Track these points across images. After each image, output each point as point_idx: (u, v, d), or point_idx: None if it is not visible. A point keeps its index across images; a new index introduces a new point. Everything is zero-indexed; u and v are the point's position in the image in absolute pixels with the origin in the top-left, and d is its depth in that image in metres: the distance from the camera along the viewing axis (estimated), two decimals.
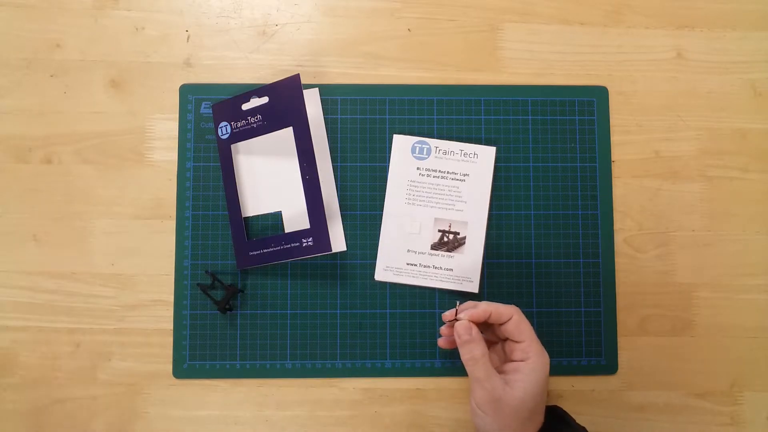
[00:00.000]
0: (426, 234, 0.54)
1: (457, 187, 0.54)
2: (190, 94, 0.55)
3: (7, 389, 0.53)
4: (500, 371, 0.45)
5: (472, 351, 0.44)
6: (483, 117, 0.55)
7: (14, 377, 0.53)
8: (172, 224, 0.54)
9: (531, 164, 0.55)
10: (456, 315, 0.46)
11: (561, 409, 0.48)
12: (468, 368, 0.44)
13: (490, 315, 0.45)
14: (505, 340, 0.47)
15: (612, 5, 0.57)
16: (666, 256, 0.55)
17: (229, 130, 0.54)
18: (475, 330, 0.45)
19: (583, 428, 0.46)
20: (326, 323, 0.54)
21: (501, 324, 0.46)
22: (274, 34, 0.56)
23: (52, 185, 0.54)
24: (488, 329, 0.49)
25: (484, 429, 0.44)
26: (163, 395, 0.53)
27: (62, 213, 0.54)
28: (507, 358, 0.47)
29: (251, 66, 0.56)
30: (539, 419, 0.45)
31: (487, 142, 0.55)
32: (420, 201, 0.54)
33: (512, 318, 0.45)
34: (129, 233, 0.54)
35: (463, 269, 0.54)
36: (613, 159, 0.56)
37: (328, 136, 0.55)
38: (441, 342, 0.49)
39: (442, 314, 0.48)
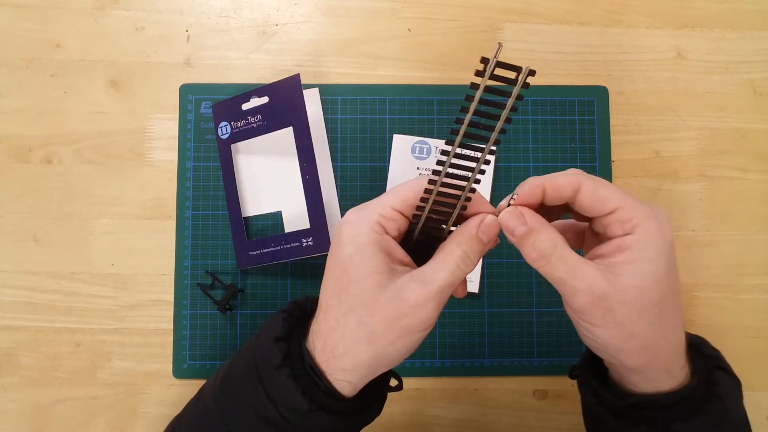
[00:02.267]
0: None
1: None
2: (190, 94, 0.55)
3: (7, 389, 0.53)
4: (596, 255, 0.31)
5: (536, 244, 0.30)
6: None
7: (14, 377, 0.53)
8: (172, 224, 0.54)
9: (531, 164, 0.55)
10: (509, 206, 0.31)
11: (698, 338, 0.35)
12: (541, 271, 0.31)
13: (544, 191, 0.31)
14: (591, 219, 0.32)
15: (612, 5, 0.57)
16: None
17: (229, 130, 0.54)
18: (530, 215, 0.30)
19: (739, 381, 0.34)
20: None
21: (571, 201, 0.31)
22: (274, 34, 0.56)
23: (52, 185, 0.54)
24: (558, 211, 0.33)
25: (603, 347, 0.30)
26: (163, 395, 0.53)
27: (62, 213, 0.54)
28: (603, 238, 0.31)
29: (251, 66, 0.56)
30: (679, 324, 0.30)
31: None
32: None
33: (581, 187, 0.30)
34: (129, 233, 0.54)
35: None
36: (613, 159, 0.56)
37: (328, 136, 0.55)
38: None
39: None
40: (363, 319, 0.30)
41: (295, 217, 0.54)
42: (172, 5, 0.56)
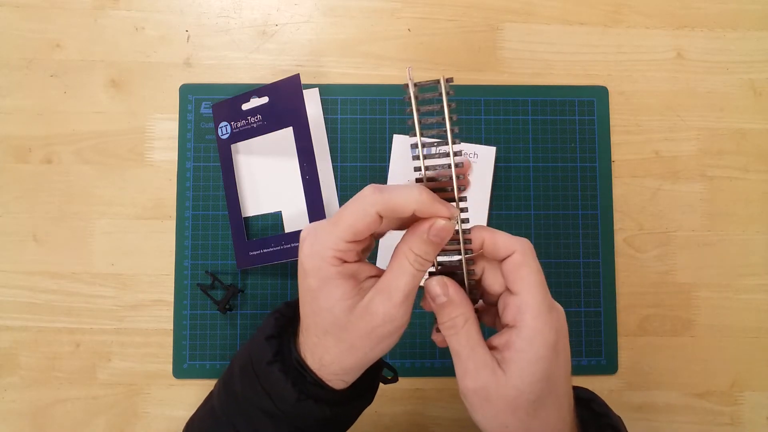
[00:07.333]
0: None
1: None
2: (190, 94, 0.55)
3: (7, 389, 0.53)
4: (491, 346, 0.33)
5: (451, 314, 0.32)
6: (483, 117, 0.55)
7: (14, 377, 0.53)
8: (172, 224, 0.54)
9: (531, 164, 0.55)
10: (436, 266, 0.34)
11: (589, 393, 0.37)
12: (447, 340, 0.33)
13: (482, 244, 0.32)
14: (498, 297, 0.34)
15: (612, 5, 0.57)
16: (666, 256, 0.55)
17: (229, 130, 0.54)
18: (453, 288, 0.33)
19: (618, 418, 0.36)
20: None
21: (501, 261, 0.33)
22: (274, 34, 0.56)
23: (52, 185, 0.54)
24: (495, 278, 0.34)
25: (481, 427, 0.33)
26: (163, 395, 0.53)
27: (62, 213, 0.54)
28: (500, 322, 0.33)
29: (251, 66, 0.56)
30: (557, 417, 0.32)
31: (487, 142, 0.55)
32: None
33: (513, 255, 0.32)
34: (129, 233, 0.54)
35: None
36: (613, 159, 0.56)
37: (328, 136, 0.55)
38: (436, 338, 0.35)
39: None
40: (339, 336, 0.32)
41: (295, 217, 0.54)
42: (172, 5, 0.56)
